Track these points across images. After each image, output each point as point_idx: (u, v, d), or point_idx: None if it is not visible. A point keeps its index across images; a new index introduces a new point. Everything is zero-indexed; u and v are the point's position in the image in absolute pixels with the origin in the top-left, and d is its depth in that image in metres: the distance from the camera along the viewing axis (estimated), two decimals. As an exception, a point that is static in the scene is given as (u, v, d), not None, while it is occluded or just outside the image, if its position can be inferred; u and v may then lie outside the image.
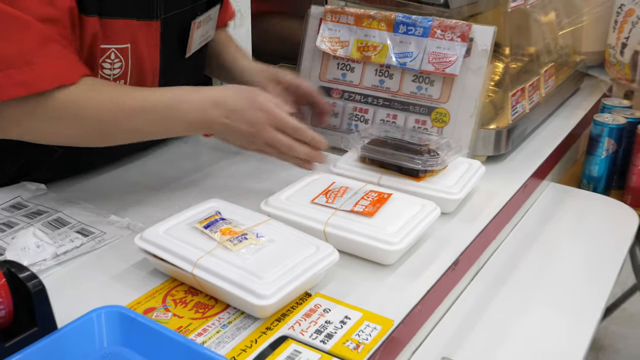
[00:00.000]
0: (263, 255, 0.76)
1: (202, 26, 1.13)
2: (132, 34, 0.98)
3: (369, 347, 0.69)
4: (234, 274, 0.72)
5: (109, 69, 0.98)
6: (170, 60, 1.09)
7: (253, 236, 0.79)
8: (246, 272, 0.73)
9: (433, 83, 1.14)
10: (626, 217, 1.24)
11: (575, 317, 0.93)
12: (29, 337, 0.63)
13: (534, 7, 1.41)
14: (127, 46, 0.99)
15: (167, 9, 1.03)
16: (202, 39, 1.16)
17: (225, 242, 0.77)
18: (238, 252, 0.76)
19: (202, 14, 1.11)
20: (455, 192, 0.98)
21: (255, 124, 0.93)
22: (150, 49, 1.04)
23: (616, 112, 1.37)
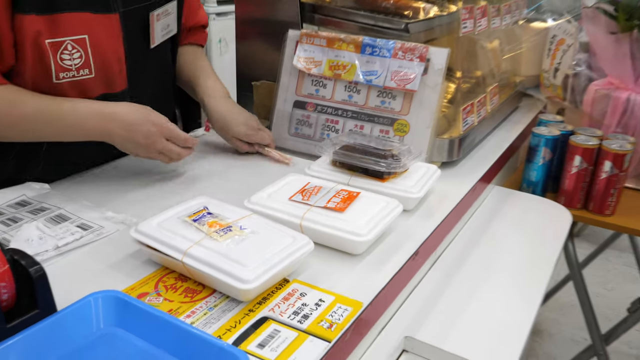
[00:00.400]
0: (246, 245, 0.75)
1: (162, 19, 1.10)
2: (88, 26, 0.96)
3: (341, 326, 0.68)
4: (220, 261, 0.71)
5: (69, 59, 0.95)
6: (136, 51, 1.07)
7: (237, 228, 0.78)
8: (231, 260, 0.71)
9: (395, 98, 1.14)
10: (561, 215, 1.25)
11: (520, 300, 0.93)
12: (30, 318, 0.61)
13: (481, 35, 1.42)
14: (85, 37, 0.96)
15: (126, 3, 1.01)
16: (164, 32, 1.13)
17: (212, 234, 0.76)
18: (224, 243, 0.74)
19: (160, 7, 1.09)
20: (415, 191, 0.97)
21: (149, 136, 0.97)
22: (112, 39, 1.01)
23: (551, 125, 1.38)
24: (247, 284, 0.68)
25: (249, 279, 0.68)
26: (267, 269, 0.71)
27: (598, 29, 1.39)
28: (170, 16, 1.13)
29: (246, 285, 0.68)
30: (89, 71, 0.98)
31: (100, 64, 1.00)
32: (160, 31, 1.11)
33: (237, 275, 0.69)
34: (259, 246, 0.75)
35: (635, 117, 1.38)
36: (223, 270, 0.70)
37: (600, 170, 1.28)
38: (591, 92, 1.46)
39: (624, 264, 2.97)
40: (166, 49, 1.18)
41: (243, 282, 0.68)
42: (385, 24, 1.20)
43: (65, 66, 0.95)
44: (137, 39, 1.07)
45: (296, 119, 1.21)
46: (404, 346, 0.81)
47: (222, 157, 1.21)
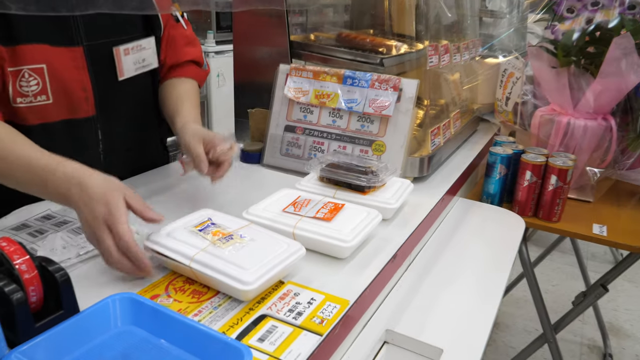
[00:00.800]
0: (246, 252, 0.74)
1: (133, 54, 1.02)
2: (46, 57, 0.91)
3: (331, 321, 0.67)
4: (223, 266, 0.70)
5: (27, 86, 0.90)
6: (104, 82, 1.00)
7: (238, 237, 0.77)
8: (233, 264, 0.70)
9: (373, 122, 1.14)
10: (515, 222, 1.25)
11: (484, 295, 0.92)
12: (56, 318, 0.59)
13: (444, 69, 1.43)
14: (43, 66, 0.90)
15: (91, 38, 0.96)
16: (137, 65, 1.04)
17: (215, 242, 0.75)
18: (226, 249, 0.73)
19: (130, 42, 1.02)
20: (392, 202, 0.97)
21: (95, 217, 0.71)
22: (76, 70, 0.95)
23: (505, 145, 1.38)
24: (248, 285, 0.67)
25: (250, 281, 0.67)
26: (265, 272, 0.70)
27: (541, 64, 1.41)
28: (147, 51, 1.07)
29: (247, 287, 0.67)
30: (47, 97, 0.93)
31: (60, 91, 0.94)
32: (132, 65, 1.04)
33: (239, 278, 0.68)
34: (257, 252, 0.74)
35: (575, 138, 1.40)
36: (226, 274, 0.69)
37: (547, 183, 1.29)
38: (537, 117, 1.47)
39: (566, 264, 3.00)
40: (144, 80, 1.10)
41: (244, 284, 0.67)
42: (363, 59, 1.20)
43: (23, 92, 0.90)
44: (106, 71, 1.00)
45: (287, 141, 1.20)
46: (385, 338, 0.80)
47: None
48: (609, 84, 1.30)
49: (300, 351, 0.61)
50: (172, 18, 1.13)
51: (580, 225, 1.30)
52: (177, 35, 1.15)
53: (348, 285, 0.76)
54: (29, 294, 0.57)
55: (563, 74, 1.38)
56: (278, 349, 0.61)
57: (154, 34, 1.09)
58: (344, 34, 1.36)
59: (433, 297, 0.90)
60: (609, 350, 2.24)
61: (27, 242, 0.84)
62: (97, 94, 1.00)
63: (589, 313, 2.47)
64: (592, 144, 1.39)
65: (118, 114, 1.06)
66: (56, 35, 0.92)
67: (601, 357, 2.25)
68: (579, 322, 2.46)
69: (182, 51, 1.16)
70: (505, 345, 2.29)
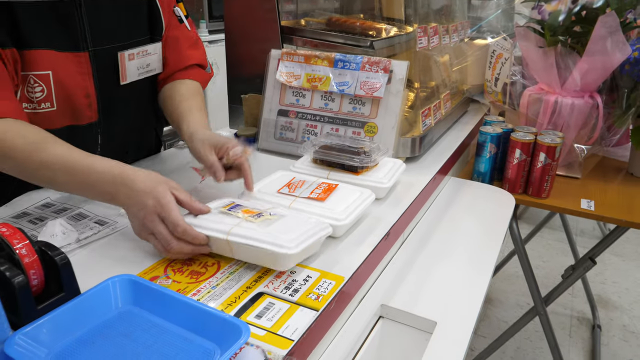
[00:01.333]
0: (278, 226, 0.73)
1: (138, 59, 0.99)
2: (52, 63, 0.87)
3: (326, 297, 0.68)
4: (261, 235, 0.70)
5: (32, 92, 0.87)
6: (108, 87, 0.97)
7: (267, 214, 0.77)
8: (270, 234, 0.70)
9: (364, 104, 1.13)
10: (506, 199, 1.25)
11: (476, 270, 0.93)
12: (57, 300, 0.59)
13: (434, 51, 1.42)
14: (48, 73, 0.87)
15: (97, 43, 0.93)
16: (141, 70, 1.01)
17: (247, 218, 0.75)
18: (259, 224, 0.73)
19: (135, 48, 0.99)
20: (385, 182, 0.97)
21: (144, 208, 0.73)
22: (81, 76, 0.92)
23: (495, 125, 1.38)
24: (290, 249, 0.67)
25: (291, 246, 0.68)
26: (304, 240, 0.71)
27: (529, 44, 1.41)
28: (152, 56, 1.04)
29: (289, 251, 0.67)
30: (51, 104, 0.89)
31: (64, 98, 0.91)
32: (135, 70, 1.01)
33: (279, 243, 0.68)
34: (289, 226, 0.74)
35: (563, 116, 1.40)
36: (266, 241, 0.68)
37: (536, 160, 1.29)
38: (526, 96, 1.47)
39: (556, 240, 3.02)
40: (144, 83, 1.06)
41: (285, 249, 0.67)
42: (353, 42, 1.19)
43: (29, 98, 0.87)
44: (109, 76, 0.97)
45: (280, 125, 1.20)
46: (381, 313, 0.81)
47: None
48: (595, 62, 1.29)
49: (297, 326, 0.61)
50: (175, 18, 1.08)
51: (569, 200, 1.31)
52: (181, 36, 1.09)
53: (343, 263, 0.77)
54: (30, 278, 0.57)
55: (550, 53, 1.38)
56: (275, 324, 0.61)
57: (158, 35, 1.05)
58: (334, 19, 1.35)
59: (426, 272, 0.90)
60: (597, 322, 2.27)
61: (28, 230, 0.83)
62: (100, 100, 0.97)
63: (579, 287, 2.50)
64: (579, 121, 1.39)
65: (118, 117, 1.03)
66: (62, 41, 0.89)
67: (590, 328, 2.27)
68: (568, 296, 2.49)
69: (185, 54, 1.10)
70: (499, 320, 2.31)
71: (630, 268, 2.76)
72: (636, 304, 2.45)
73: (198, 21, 3.29)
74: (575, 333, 2.24)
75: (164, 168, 1.13)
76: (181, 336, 0.58)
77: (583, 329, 2.27)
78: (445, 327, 0.76)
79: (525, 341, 2.17)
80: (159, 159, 1.20)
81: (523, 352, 2.11)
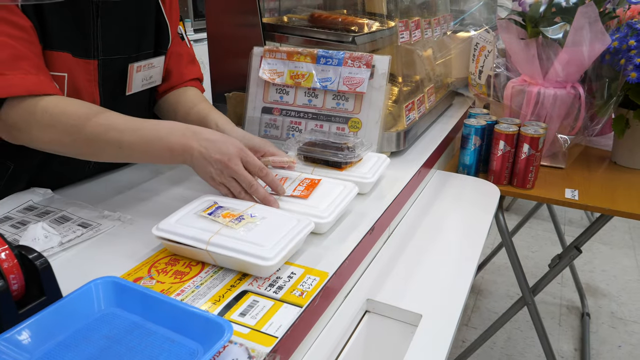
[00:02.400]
0: (260, 230, 0.73)
1: (143, 71, 1.03)
2: (68, 66, 0.89)
3: (310, 293, 0.68)
4: (241, 245, 0.69)
5: None
6: (111, 95, 0.99)
7: (248, 216, 0.77)
8: (250, 243, 0.70)
9: (348, 99, 1.13)
10: (491, 191, 1.26)
11: (461, 262, 0.93)
12: (39, 305, 0.59)
13: (416, 45, 1.43)
14: (64, 75, 0.89)
15: (106, 52, 0.95)
16: (144, 82, 1.05)
17: (228, 224, 0.74)
18: (240, 230, 0.73)
19: (142, 60, 1.02)
20: (369, 177, 0.97)
21: (226, 154, 0.82)
22: (89, 83, 0.94)
23: (479, 117, 1.39)
24: (269, 261, 0.67)
25: (270, 257, 0.67)
26: (283, 247, 0.70)
27: (511, 36, 1.41)
28: (155, 69, 1.06)
29: (269, 262, 0.67)
30: None
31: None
32: (140, 81, 1.04)
33: (260, 254, 0.68)
34: (271, 229, 0.73)
35: (546, 107, 1.41)
36: (246, 253, 0.68)
37: (520, 152, 1.30)
38: (509, 88, 1.48)
39: (545, 230, 3.05)
40: (144, 95, 1.08)
41: (265, 260, 0.67)
42: (335, 38, 1.19)
43: None
44: (114, 86, 0.99)
45: (265, 123, 1.20)
46: (367, 307, 0.81)
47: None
48: (576, 53, 1.30)
49: (281, 323, 0.61)
50: (177, 35, 1.12)
51: (553, 190, 1.32)
52: (183, 52, 1.14)
53: (327, 259, 0.77)
54: (10, 283, 0.57)
55: (532, 45, 1.38)
56: (259, 322, 0.61)
57: (163, 48, 1.07)
58: (316, 15, 1.34)
59: (412, 265, 0.91)
60: (586, 310, 2.29)
61: (10, 234, 0.82)
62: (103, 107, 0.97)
63: (567, 275, 2.53)
64: (562, 112, 1.40)
65: None
66: (77, 47, 0.90)
67: (579, 316, 2.30)
68: (557, 285, 2.51)
69: (187, 68, 1.15)
70: (489, 310, 2.33)
71: (618, 256, 2.80)
72: (624, 291, 2.48)
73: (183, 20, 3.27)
74: (565, 321, 2.26)
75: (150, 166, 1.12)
76: (165, 337, 0.58)
77: (572, 317, 2.30)
78: (431, 319, 0.76)
79: (516, 331, 2.19)
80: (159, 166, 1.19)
81: (513, 342, 2.13)
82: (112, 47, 0.96)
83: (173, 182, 1.05)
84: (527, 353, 2.06)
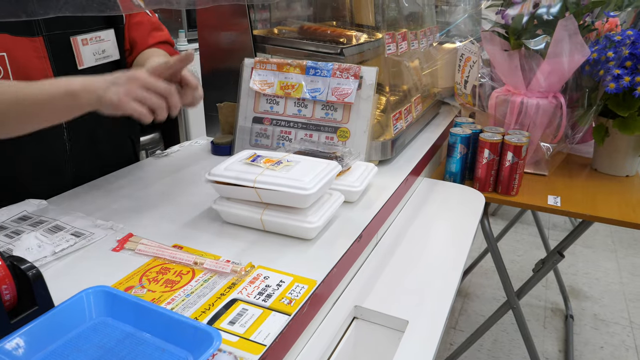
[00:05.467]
0: (297, 170, 0.83)
1: (91, 44, 1.02)
2: (6, 46, 0.90)
3: (298, 301, 0.68)
4: (284, 181, 0.80)
5: None
6: (65, 72, 0.94)
7: (285, 161, 0.87)
8: (291, 179, 0.80)
9: (337, 109, 1.14)
10: (476, 198, 1.27)
11: (447, 268, 0.93)
12: (31, 314, 0.58)
13: (404, 56, 1.43)
14: (3, 54, 0.89)
15: (49, 28, 0.96)
16: (97, 56, 1.04)
17: (269, 167, 0.84)
18: (280, 171, 0.83)
19: (88, 33, 1.01)
20: (357, 185, 0.97)
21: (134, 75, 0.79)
22: (39, 59, 0.94)
23: (464, 126, 1.40)
24: (309, 190, 0.78)
25: (309, 187, 0.78)
26: (319, 180, 0.81)
27: (494, 47, 1.43)
28: (106, 43, 1.05)
29: (308, 191, 0.78)
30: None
31: (23, 79, 0.88)
32: (91, 54, 1.03)
33: (300, 185, 0.78)
34: (306, 169, 0.84)
35: (529, 116, 1.42)
36: (289, 186, 0.79)
37: (504, 160, 1.31)
38: (493, 98, 1.49)
39: (530, 235, 3.07)
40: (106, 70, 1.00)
41: (306, 190, 0.78)
42: (324, 49, 1.20)
43: None
44: (66, 61, 0.99)
45: (255, 132, 1.20)
46: (355, 314, 0.81)
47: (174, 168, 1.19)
48: (557, 63, 1.32)
49: (269, 331, 0.61)
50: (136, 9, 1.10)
51: (537, 197, 1.33)
52: (145, 21, 1.14)
53: (316, 266, 0.77)
54: (2, 292, 0.56)
55: (515, 56, 1.40)
56: (248, 330, 0.61)
57: (115, 25, 1.08)
58: (305, 27, 1.35)
59: (400, 272, 0.91)
60: (570, 312, 2.31)
61: (4, 244, 0.82)
62: None
63: (552, 278, 2.54)
64: (544, 120, 1.41)
65: None
66: (16, 25, 0.91)
67: (563, 318, 2.31)
68: (542, 288, 2.53)
69: (150, 36, 1.15)
70: (476, 314, 2.33)
71: (600, 259, 2.82)
72: (606, 293, 2.50)
73: (177, 31, 3.27)
74: (550, 323, 2.28)
75: (143, 176, 1.12)
76: (155, 346, 0.57)
77: (557, 319, 2.31)
78: (417, 325, 0.76)
79: (502, 333, 2.20)
80: (137, 168, 1.18)
81: (500, 344, 2.14)
82: (56, 23, 0.96)
83: (164, 192, 1.05)
84: (513, 355, 2.07)
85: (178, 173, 1.15)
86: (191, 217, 0.92)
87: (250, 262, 0.76)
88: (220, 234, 0.86)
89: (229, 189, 0.84)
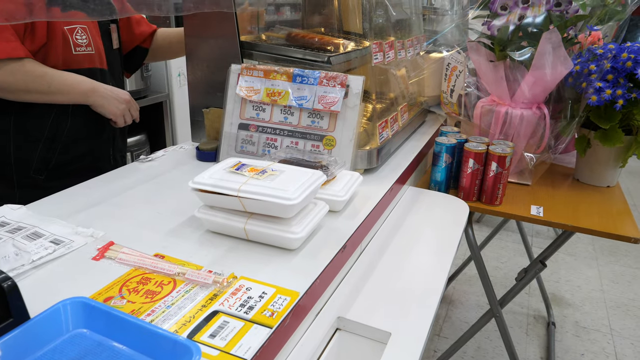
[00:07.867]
0: (281, 180, 0.82)
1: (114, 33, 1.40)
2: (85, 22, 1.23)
3: (280, 314, 0.67)
4: (268, 190, 0.79)
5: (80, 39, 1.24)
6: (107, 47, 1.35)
7: (270, 170, 0.86)
8: (275, 189, 0.79)
9: (323, 118, 1.13)
10: (460, 207, 1.27)
11: (431, 277, 0.93)
12: (5, 327, 0.56)
13: (390, 65, 1.44)
14: (85, 27, 1.25)
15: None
16: (116, 42, 1.41)
17: (254, 176, 0.83)
18: (264, 180, 0.82)
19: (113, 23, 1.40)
20: (342, 195, 0.97)
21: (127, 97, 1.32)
22: (98, 37, 1.31)
23: (450, 135, 1.41)
24: (293, 200, 0.77)
25: (294, 197, 0.77)
26: (303, 190, 0.80)
27: (480, 58, 1.44)
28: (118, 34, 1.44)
29: (293, 202, 0.77)
30: (92, 49, 1.27)
31: (95, 46, 1.28)
32: (116, 39, 1.42)
33: (284, 196, 0.77)
34: (290, 179, 0.83)
35: (513, 126, 1.43)
36: (273, 196, 0.78)
37: (488, 169, 1.31)
38: (479, 108, 1.50)
39: (514, 242, 3.09)
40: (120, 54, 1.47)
41: (290, 200, 0.77)
42: (311, 57, 1.19)
43: (78, 43, 1.23)
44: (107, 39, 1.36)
45: (241, 139, 1.19)
46: (337, 325, 0.80)
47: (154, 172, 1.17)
48: (541, 75, 1.33)
49: (250, 345, 0.60)
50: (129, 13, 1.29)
51: (520, 207, 1.34)
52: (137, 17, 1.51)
53: (299, 277, 0.76)
54: (-25, 305, 0.55)
55: (500, 67, 1.41)
56: (229, 343, 0.60)
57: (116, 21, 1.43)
58: (293, 34, 1.34)
59: (383, 282, 0.90)
60: (552, 319, 2.33)
61: (-20, 251, 0.80)
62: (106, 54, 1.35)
63: (534, 286, 2.56)
64: (528, 131, 1.42)
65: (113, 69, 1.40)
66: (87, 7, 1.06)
67: (545, 325, 2.33)
68: (525, 295, 2.55)
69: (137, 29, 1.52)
70: (460, 320, 2.34)
71: (582, 267, 2.85)
72: (587, 300, 2.53)
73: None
74: (532, 331, 2.29)
75: (126, 182, 1.10)
76: (133, 359, 0.56)
77: (539, 326, 2.32)
78: (399, 337, 0.76)
79: (486, 340, 2.21)
80: (120, 173, 1.17)
81: (483, 352, 2.14)
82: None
83: (147, 199, 1.03)
84: (495, 362, 2.08)
85: (161, 179, 1.13)
86: (174, 225, 0.90)
87: (233, 272, 0.75)
88: (202, 243, 0.84)
89: (212, 198, 0.83)
